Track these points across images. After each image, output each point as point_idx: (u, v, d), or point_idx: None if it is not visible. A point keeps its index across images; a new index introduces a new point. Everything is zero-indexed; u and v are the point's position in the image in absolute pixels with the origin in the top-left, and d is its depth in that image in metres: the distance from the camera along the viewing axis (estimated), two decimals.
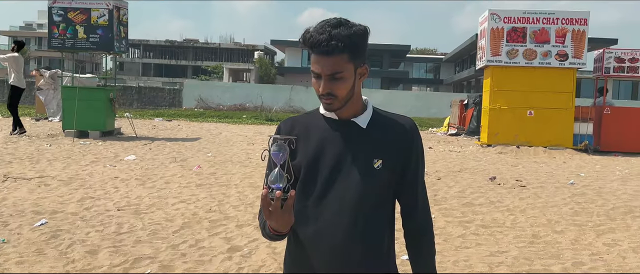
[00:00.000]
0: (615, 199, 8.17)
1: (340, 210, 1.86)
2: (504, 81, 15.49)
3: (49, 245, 5.00)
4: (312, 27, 1.84)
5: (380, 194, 1.90)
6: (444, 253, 5.19)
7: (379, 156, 1.89)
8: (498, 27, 15.31)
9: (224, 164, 10.50)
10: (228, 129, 20.47)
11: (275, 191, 1.69)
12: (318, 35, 1.79)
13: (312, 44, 1.80)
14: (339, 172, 1.88)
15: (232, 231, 5.68)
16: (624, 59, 15.67)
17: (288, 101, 36.69)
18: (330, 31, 1.78)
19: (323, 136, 1.92)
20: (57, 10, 14.30)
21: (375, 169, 1.88)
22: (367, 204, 1.88)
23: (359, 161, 1.88)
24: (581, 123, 15.67)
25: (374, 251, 1.91)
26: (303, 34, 1.84)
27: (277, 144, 1.77)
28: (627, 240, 5.87)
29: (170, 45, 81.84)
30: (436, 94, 45.72)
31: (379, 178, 1.88)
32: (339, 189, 1.87)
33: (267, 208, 1.71)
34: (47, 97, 20.24)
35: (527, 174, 10.56)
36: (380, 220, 1.92)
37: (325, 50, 1.78)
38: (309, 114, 2.03)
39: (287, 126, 1.98)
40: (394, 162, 1.91)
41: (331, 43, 1.77)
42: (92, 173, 8.91)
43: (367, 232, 1.88)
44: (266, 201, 1.70)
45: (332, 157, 1.89)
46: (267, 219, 1.75)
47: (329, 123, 1.94)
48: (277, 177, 1.74)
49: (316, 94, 1.88)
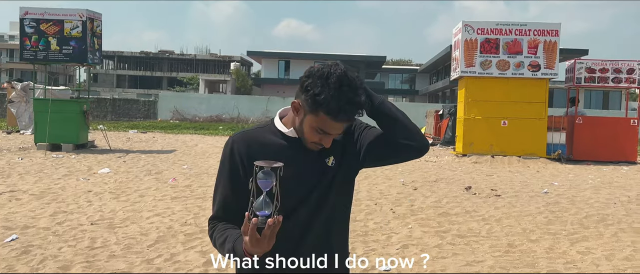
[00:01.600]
0: (588, 207, 8.29)
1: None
2: (478, 91, 15.67)
3: (19, 261, 4.89)
4: (329, 83, 1.79)
5: (339, 190, 1.99)
6: (421, 263, 5.20)
7: (330, 153, 1.97)
8: (471, 38, 15.50)
9: (199, 176, 10.42)
10: (204, 140, 20.33)
11: (266, 219, 1.67)
12: (350, 107, 1.81)
13: (338, 112, 1.80)
14: (299, 185, 1.91)
15: (208, 244, 5.61)
16: (595, 69, 15.96)
17: (265, 112, 36.61)
18: (360, 101, 1.83)
19: (283, 155, 1.88)
20: (29, 21, 14.12)
21: (330, 167, 1.96)
22: (329, 205, 1.96)
23: (316, 167, 1.94)
24: (554, 132, 15.90)
25: (339, 251, 2.03)
26: (320, 88, 1.80)
27: (265, 171, 1.73)
28: (601, 248, 5.95)
29: (145, 57, 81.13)
30: (412, 105, 46.02)
31: (333, 174, 1.96)
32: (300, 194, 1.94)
33: (253, 237, 1.67)
34: (18, 109, 19.91)
35: (502, 184, 10.67)
36: (341, 219, 2.06)
37: (351, 118, 1.87)
38: (262, 129, 2.01)
39: (243, 144, 1.93)
40: (346, 152, 2.00)
41: (358, 112, 1.86)
42: (64, 187, 8.76)
43: (330, 235, 2.00)
44: (254, 229, 1.67)
45: (293, 172, 1.86)
46: (252, 247, 1.70)
47: (286, 140, 1.96)
48: (262, 204, 1.72)
49: (303, 137, 1.91)
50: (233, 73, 61.85)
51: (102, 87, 74.57)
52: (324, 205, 1.95)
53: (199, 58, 79.24)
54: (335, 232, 2.02)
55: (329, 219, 1.98)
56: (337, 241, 2.05)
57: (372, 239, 6.01)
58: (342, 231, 2.10)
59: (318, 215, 1.95)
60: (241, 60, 71.35)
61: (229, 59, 74.77)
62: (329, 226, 1.99)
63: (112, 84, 79.15)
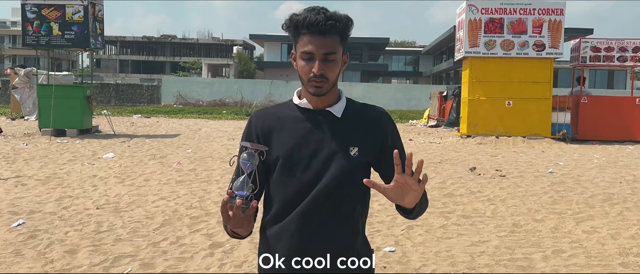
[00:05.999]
0: (593, 186, 8.27)
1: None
2: (482, 72, 15.58)
3: (26, 245, 4.91)
4: (297, 12, 1.86)
5: (357, 181, 1.90)
6: (426, 243, 5.21)
7: (355, 143, 1.91)
8: (476, 18, 15.38)
9: (204, 160, 10.43)
10: (208, 124, 20.34)
11: (237, 199, 1.70)
12: (314, 15, 1.81)
13: (307, 24, 1.82)
14: (317, 161, 1.88)
15: (214, 227, 5.63)
16: (600, 48, 15.86)
17: (268, 96, 36.54)
18: (326, 12, 1.83)
19: (299, 126, 1.92)
20: (30, 7, 14.07)
21: (352, 156, 1.90)
22: (345, 191, 1.89)
23: (336, 148, 1.89)
24: (559, 112, 15.84)
25: (349, 237, 1.93)
26: (290, 17, 1.86)
27: (248, 152, 1.77)
28: (606, 227, 5.94)
29: (147, 42, 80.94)
30: (416, 87, 45.88)
31: (356, 165, 1.90)
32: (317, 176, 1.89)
33: (226, 213, 1.72)
34: (22, 95, 19.94)
35: (506, 164, 10.65)
36: (355, 206, 1.94)
37: (323, 29, 1.81)
38: (282, 105, 2.02)
39: (258, 118, 1.98)
40: (369, 148, 1.93)
41: (329, 22, 1.81)
42: (70, 172, 8.79)
43: (343, 217, 1.91)
44: (225, 206, 1.72)
45: (310, 146, 1.89)
46: (225, 223, 1.77)
47: (303, 113, 1.94)
48: (242, 184, 1.74)
49: (302, 80, 1.88)
50: (236, 57, 61.65)
51: (105, 72, 74.59)
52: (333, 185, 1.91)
53: (202, 42, 79.04)
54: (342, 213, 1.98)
55: (336, 200, 1.94)
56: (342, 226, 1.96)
57: (377, 220, 6.01)
58: (349, 219, 1.97)
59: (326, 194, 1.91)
60: (244, 44, 71.09)
61: (231, 42, 74.55)
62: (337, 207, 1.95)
63: (115, 70, 79.15)
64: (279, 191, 1.91)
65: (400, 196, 1.75)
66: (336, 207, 1.89)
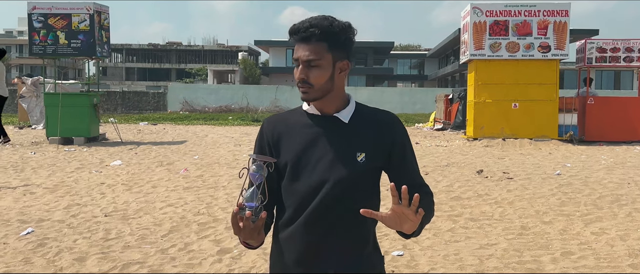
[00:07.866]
0: (601, 188, 8.24)
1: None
2: (488, 74, 15.56)
3: (36, 254, 4.94)
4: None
5: (364, 186, 1.93)
6: (434, 247, 5.20)
7: (362, 149, 1.92)
8: (480, 21, 15.37)
9: (211, 166, 10.45)
10: (214, 131, 20.38)
11: (247, 211, 1.73)
12: (299, 23, 1.88)
13: (292, 31, 1.90)
14: (322, 166, 1.90)
15: (222, 233, 5.65)
16: (606, 49, 15.80)
17: (274, 101, 36.62)
18: (311, 21, 1.88)
19: (306, 132, 1.95)
20: (37, 16, 14.15)
21: (359, 162, 1.91)
22: (351, 196, 1.90)
23: (343, 155, 1.91)
24: (565, 114, 15.79)
25: (358, 243, 1.95)
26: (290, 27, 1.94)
27: (256, 164, 1.80)
28: (615, 228, 5.91)
29: (153, 49, 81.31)
30: (421, 90, 45.88)
31: (362, 170, 1.91)
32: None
33: (236, 224, 1.75)
34: (29, 104, 20.03)
35: (513, 166, 10.62)
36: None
37: (303, 36, 1.86)
38: (292, 111, 2.06)
39: (270, 124, 2.02)
40: (378, 154, 1.94)
41: (309, 30, 1.85)
42: (77, 180, 8.82)
43: (350, 222, 1.91)
44: (235, 218, 1.74)
45: (316, 151, 1.91)
46: (235, 234, 1.79)
47: (311, 119, 1.97)
48: (251, 196, 1.77)
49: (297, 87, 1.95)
50: (241, 63, 61.83)
51: (112, 80, 74.95)
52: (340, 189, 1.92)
53: (207, 49, 79.32)
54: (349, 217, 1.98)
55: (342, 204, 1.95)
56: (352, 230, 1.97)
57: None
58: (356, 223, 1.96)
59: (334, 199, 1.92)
60: (249, 50, 71.30)
61: (236, 49, 74.79)
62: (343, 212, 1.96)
63: (121, 77, 79.50)
64: (289, 196, 1.94)
65: (398, 224, 1.77)
66: (343, 212, 1.90)
